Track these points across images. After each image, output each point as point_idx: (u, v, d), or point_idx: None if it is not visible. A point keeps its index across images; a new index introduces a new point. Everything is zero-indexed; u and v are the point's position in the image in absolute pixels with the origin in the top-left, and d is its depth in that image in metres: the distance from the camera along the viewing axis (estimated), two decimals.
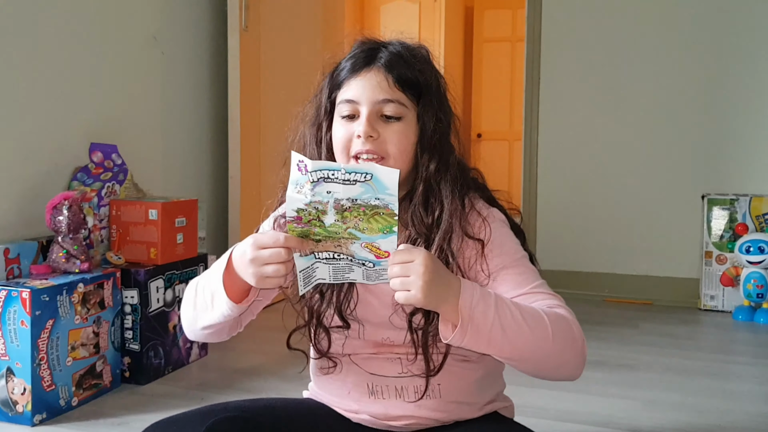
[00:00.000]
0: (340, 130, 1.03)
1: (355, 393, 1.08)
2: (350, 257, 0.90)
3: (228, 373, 2.11)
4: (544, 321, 0.93)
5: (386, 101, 1.01)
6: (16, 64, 1.96)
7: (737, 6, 3.03)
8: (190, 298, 1.07)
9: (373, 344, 1.06)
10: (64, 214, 1.88)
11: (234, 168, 2.69)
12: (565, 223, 3.30)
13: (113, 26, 2.31)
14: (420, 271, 0.86)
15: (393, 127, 1.01)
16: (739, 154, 3.06)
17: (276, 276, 0.91)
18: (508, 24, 5.66)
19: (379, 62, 1.02)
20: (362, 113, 1.01)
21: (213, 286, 1.00)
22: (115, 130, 2.30)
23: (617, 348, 2.41)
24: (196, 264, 2.23)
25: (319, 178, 0.84)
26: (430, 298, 0.87)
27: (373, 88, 1.01)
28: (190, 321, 1.07)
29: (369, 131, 0.99)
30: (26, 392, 1.68)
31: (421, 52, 1.08)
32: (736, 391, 2.03)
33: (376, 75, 1.02)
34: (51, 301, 1.72)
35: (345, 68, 1.05)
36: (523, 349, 0.92)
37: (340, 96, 1.04)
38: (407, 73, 1.02)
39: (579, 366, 0.98)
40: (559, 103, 3.30)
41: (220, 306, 1.00)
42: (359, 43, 1.08)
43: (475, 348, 0.92)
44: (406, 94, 1.02)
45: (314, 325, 1.06)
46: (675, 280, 3.13)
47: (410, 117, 1.02)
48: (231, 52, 2.66)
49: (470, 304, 0.89)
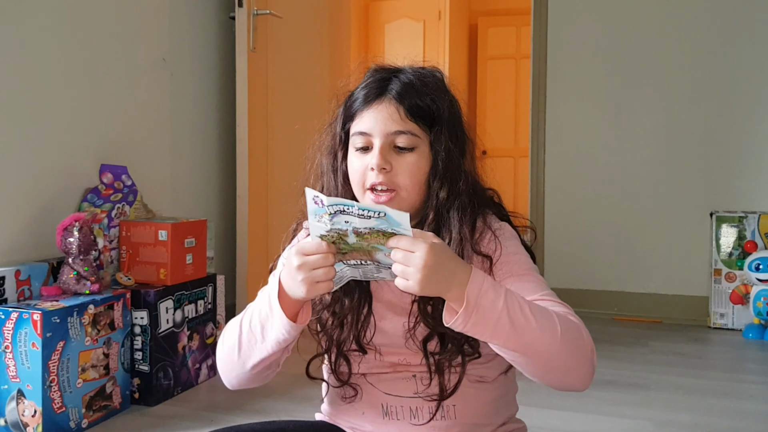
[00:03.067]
0: (355, 162, 1.04)
1: (370, 414, 1.07)
2: (377, 262, 0.92)
3: (238, 394, 2.10)
4: (554, 320, 0.92)
5: (398, 133, 1.01)
6: (26, 87, 1.98)
7: (745, 23, 3.04)
8: (232, 339, 1.03)
9: (389, 364, 1.07)
10: (75, 236, 1.89)
11: (242, 188, 2.70)
12: (572, 241, 3.30)
13: (123, 49, 2.33)
14: (419, 265, 0.86)
15: (406, 159, 1.01)
16: (748, 172, 3.06)
17: (326, 279, 0.90)
18: (512, 41, 5.70)
19: (390, 93, 1.03)
20: (375, 145, 1.01)
21: (262, 316, 0.99)
22: (124, 151, 2.32)
23: (627, 367, 2.39)
24: (205, 284, 2.23)
25: (335, 211, 0.87)
26: (427, 290, 0.87)
27: (385, 120, 1.01)
28: (234, 364, 1.03)
29: (382, 164, 1.00)
30: (37, 414, 1.68)
31: (434, 78, 1.07)
32: (748, 410, 2.01)
33: (388, 107, 1.02)
34: (62, 322, 1.72)
35: (358, 99, 1.05)
36: (529, 345, 0.91)
37: (353, 127, 1.04)
38: (419, 103, 1.02)
39: (588, 375, 0.96)
40: (565, 119, 3.31)
41: (274, 332, 0.98)
42: (372, 71, 1.08)
43: (479, 335, 0.91)
44: (418, 124, 1.02)
45: (334, 353, 1.06)
46: (684, 298, 3.11)
47: (423, 146, 1.03)
48: (239, 74, 2.68)
49: (478, 291, 0.89)
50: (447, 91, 1.08)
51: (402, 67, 1.08)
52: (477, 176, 1.10)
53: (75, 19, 2.13)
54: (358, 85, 1.07)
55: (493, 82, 5.69)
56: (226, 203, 2.85)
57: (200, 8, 2.73)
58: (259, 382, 1.07)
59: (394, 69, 1.07)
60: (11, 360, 1.70)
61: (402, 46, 5.29)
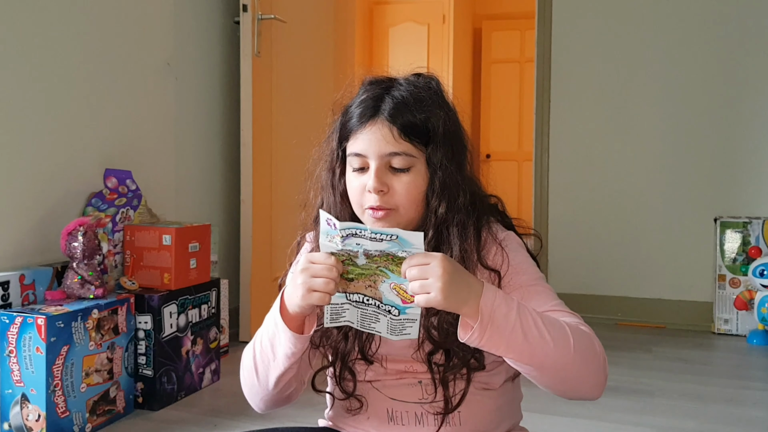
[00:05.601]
0: (353, 182, 1.03)
1: (375, 419, 1.08)
2: (378, 302, 0.92)
3: (241, 399, 2.08)
4: (566, 332, 0.93)
5: (393, 154, 0.99)
6: (31, 92, 1.99)
7: (750, 28, 3.03)
8: (248, 363, 1.05)
9: (395, 372, 1.07)
10: (79, 241, 1.89)
11: (246, 192, 2.71)
12: (576, 246, 3.29)
13: (127, 53, 2.34)
14: (438, 273, 0.86)
15: (402, 179, 1.00)
16: (752, 177, 3.06)
17: (323, 290, 0.90)
18: (516, 45, 5.70)
19: (383, 114, 1.00)
20: (371, 167, 1.00)
21: (270, 334, 1.00)
22: (129, 155, 2.32)
23: (631, 373, 2.39)
24: (209, 289, 2.23)
25: (347, 234, 0.89)
26: (450, 300, 0.87)
27: (378, 142, 0.99)
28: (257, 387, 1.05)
29: (379, 186, 0.99)
30: (41, 419, 1.68)
31: (428, 91, 1.04)
32: (752, 417, 2.01)
33: (381, 128, 1.00)
34: (66, 327, 1.73)
35: (353, 117, 1.03)
36: (543, 357, 0.91)
37: (349, 147, 1.03)
38: (412, 121, 1.00)
39: (600, 384, 0.97)
40: (569, 124, 3.31)
41: (282, 347, 0.99)
42: (366, 85, 1.06)
43: (494, 350, 0.91)
44: (413, 143, 1.00)
45: (339, 366, 1.06)
46: (688, 303, 3.11)
47: (419, 165, 1.01)
48: (243, 78, 2.68)
49: (491, 304, 0.89)
50: (443, 102, 1.06)
51: (396, 78, 1.06)
52: (478, 185, 1.09)
53: (79, 24, 2.13)
54: (353, 100, 1.05)
55: (497, 86, 5.69)
56: (230, 208, 2.85)
57: (205, 13, 2.74)
58: (287, 401, 1.08)
59: (388, 82, 1.05)
60: (15, 364, 1.70)
61: (406, 49, 5.30)
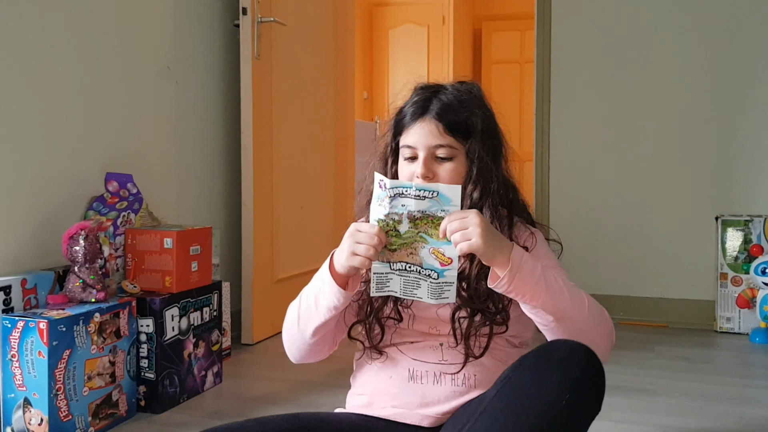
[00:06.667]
0: (404, 170, 1.24)
1: (396, 378, 1.23)
2: (419, 267, 1.08)
3: (243, 401, 2.10)
4: (582, 295, 1.14)
5: (438, 146, 1.21)
6: (31, 95, 1.99)
7: (751, 24, 3.03)
8: (292, 315, 1.24)
9: (419, 333, 1.24)
10: (81, 244, 1.90)
11: (247, 195, 2.71)
12: (577, 246, 3.28)
13: (128, 57, 2.34)
14: (476, 221, 1.04)
15: (445, 166, 1.21)
16: (753, 175, 3.05)
17: (364, 255, 1.07)
18: (516, 46, 5.71)
19: (431, 113, 1.22)
20: (420, 156, 1.22)
21: (316, 289, 1.18)
22: (130, 159, 2.33)
23: (634, 372, 2.39)
24: (210, 291, 2.24)
25: (395, 194, 1.06)
26: (488, 245, 1.04)
27: (427, 135, 1.21)
28: (296, 336, 1.24)
29: (426, 172, 1.20)
30: (43, 423, 1.69)
31: (470, 95, 1.27)
32: (755, 416, 2.00)
33: (429, 124, 1.22)
34: (68, 331, 1.73)
35: (406, 115, 1.25)
36: (561, 309, 1.10)
37: (402, 141, 1.25)
38: (455, 119, 1.22)
39: (608, 348, 1.18)
40: (569, 124, 3.31)
41: (326, 300, 1.16)
42: (418, 89, 1.28)
43: (519, 296, 1.09)
44: (455, 137, 1.21)
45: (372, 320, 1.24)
46: (690, 302, 3.10)
47: (460, 156, 1.22)
48: (243, 81, 2.69)
49: (520, 257, 1.08)
50: (482, 105, 1.28)
51: (444, 84, 1.29)
52: (513, 182, 1.30)
53: (80, 28, 2.14)
54: (406, 102, 1.27)
55: (497, 87, 5.69)
56: (232, 211, 2.86)
57: (205, 16, 2.75)
58: (317, 355, 1.29)
59: (436, 87, 1.28)
60: (18, 368, 1.70)
61: (406, 51, 5.30)
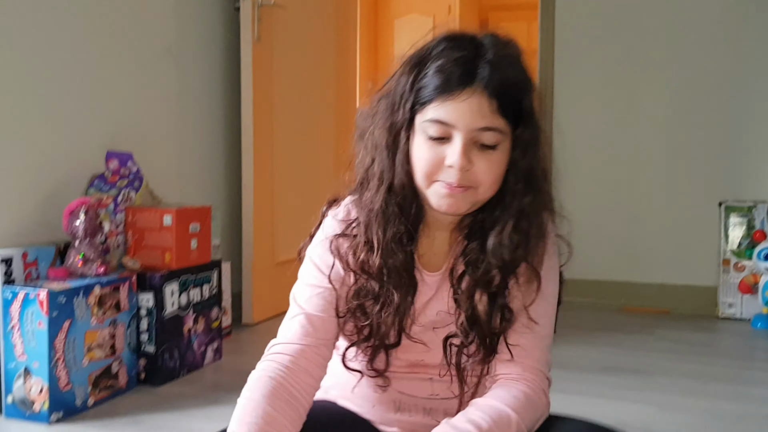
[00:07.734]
0: (426, 151, 0.89)
1: (380, 408, 1.03)
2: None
3: (242, 376, 2.08)
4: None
5: (485, 129, 0.86)
6: (34, 76, 2.01)
7: (754, 13, 3.02)
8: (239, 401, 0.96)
9: (407, 363, 1.00)
10: (81, 219, 1.92)
11: (247, 176, 2.73)
12: (581, 232, 3.22)
13: (129, 39, 2.36)
14: None
15: (488, 156, 0.88)
16: (756, 161, 3.04)
17: None
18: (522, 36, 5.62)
19: (481, 82, 0.86)
20: (456, 140, 0.87)
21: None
22: (131, 138, 2.35)
23: (633, 354, 2.38)
24: (210, 269, 2.25)
25: None
26: None
27: (473, 114, 0.85)
28: None
29: (465, 165, 0.87)
30: (43, 391, 1.71)
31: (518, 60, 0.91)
32: (754, 395, 2.00)
33: (478, 99, 0.86)
34: (68, 302, 1.75)
35: (433, 83, 0.88)
36: None
37: (429, 112, 0.88)
38: (514, 97, 0.88)
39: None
40: (573, 113, 3.30)
41: None
42: (446, 40, 0.90)
43: None
44: (507, 119, 0.88)
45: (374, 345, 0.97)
46: (693, 288, 3.09)
47: (505, 143, 0.89)
48: (244, 63, 2.70)
49: None
50: (529, 74, 0.92)
51: (480, 38, 0.90)
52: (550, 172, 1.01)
53: (81, 8, 2.16)
54: (428, 56, 0.90)
55: None
56: (232, 192, 2.87)
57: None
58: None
59: (475, 43, 0.90)
60: (18, 338, 1.73)
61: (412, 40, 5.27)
